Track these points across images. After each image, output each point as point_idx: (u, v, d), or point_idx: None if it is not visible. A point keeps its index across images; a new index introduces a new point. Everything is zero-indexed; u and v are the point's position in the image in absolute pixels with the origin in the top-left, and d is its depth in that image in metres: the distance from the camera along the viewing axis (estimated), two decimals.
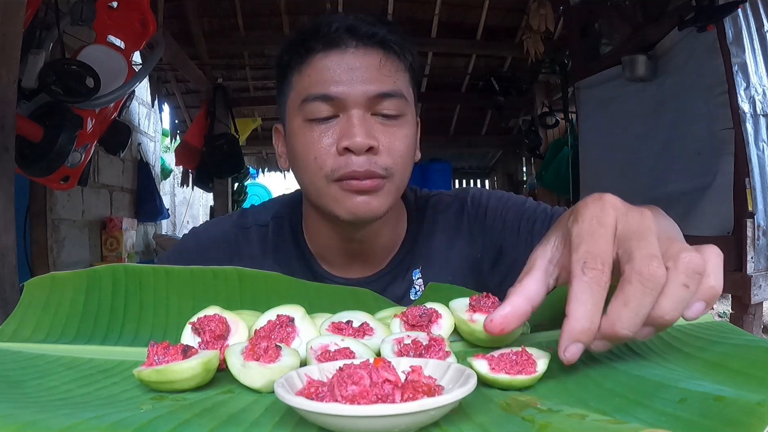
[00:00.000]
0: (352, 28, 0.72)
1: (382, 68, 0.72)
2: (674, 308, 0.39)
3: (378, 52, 0.73)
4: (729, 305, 4.01)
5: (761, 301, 2.15)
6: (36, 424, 0.33)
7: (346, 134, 0.70)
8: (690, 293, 0.39)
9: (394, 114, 0.73)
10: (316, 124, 0.72)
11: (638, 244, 0.40)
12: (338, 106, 0.71)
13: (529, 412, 0.36)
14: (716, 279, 0.41)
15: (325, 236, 0.82)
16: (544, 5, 3.76)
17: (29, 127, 2.00)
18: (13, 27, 1.36)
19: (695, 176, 2.36)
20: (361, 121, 0.71)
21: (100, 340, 0.55)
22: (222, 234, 0.87)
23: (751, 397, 0.34)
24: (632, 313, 0.38)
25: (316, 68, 0.72)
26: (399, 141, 0.73)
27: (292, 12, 4.24)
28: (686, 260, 0.39)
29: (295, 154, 0.76)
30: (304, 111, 0.73)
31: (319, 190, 0.73)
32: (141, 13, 2.38)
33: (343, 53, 0.72)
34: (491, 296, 0.57)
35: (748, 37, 2.24)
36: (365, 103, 0.71)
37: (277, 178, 7.27)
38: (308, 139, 0.72)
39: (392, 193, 0.75)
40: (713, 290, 0.40)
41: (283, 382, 0.37)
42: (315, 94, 0.71)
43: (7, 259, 1.30)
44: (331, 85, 0.71)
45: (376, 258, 0.84)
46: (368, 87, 0.71)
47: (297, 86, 0.75)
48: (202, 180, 4.64)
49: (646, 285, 0.38)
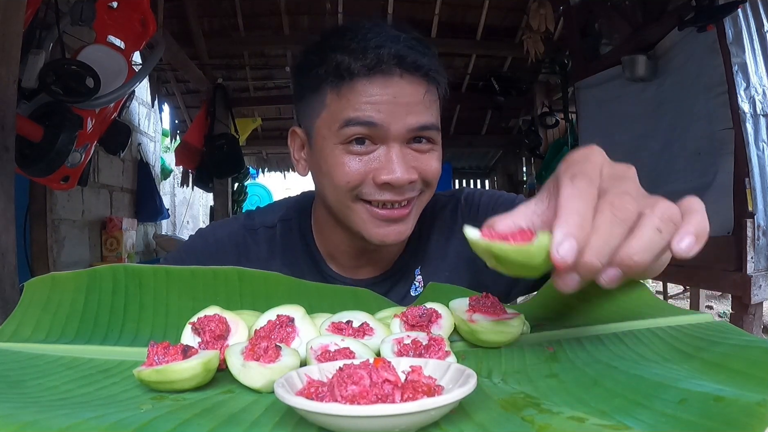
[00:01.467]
0: (400, 56, 0.70)
1: (424, 100, 0.72)
2: (643, 249, 0.38)
3: (422, 82, 0.72)
4: (729, 305, 4.01)
5: (761, 301, 2.15)
6: (36, 424, 0.33)
7: (387, 169, 0.70)
8: (662, 239, 0.39)
9: (428, 143, 0.74)
10: (353, 149, 0.71)
11: (616, 183, 0.41)
12: (379, 136, 0.71)
13: (529, 412, 0.36)
14: (703, 216, 0.41)
15: (338, 240, 0.83)
16: (544, 5, 3.76)
17: (29, 127, 2.00)
18: (13, 27, 1.36)
19: (695, 176, 2.36)
20: (400, 156, 0.71)
21: (100, 340, 0.55)
22: (229, 235, 0.87)
23: (751, 397, 0.34)
24: (601, 241, 0.38)
25: (358, 92, 0.70)
26: (433, 162, 0.75)
27: (292, 12, 4.24)
28: (663, 207, 0.40)
29: (323, 171, 0.75)
30: (341, 134, 0.71)
31: (344, 206, 0.74)
32: (141, 13, 2.38)
33: (389, 81, 0.70)
34: (491, 296, 0.57)
35: (748, 37, 2.24)
36: (405, 135, 0.72)
37: (277, 178, 7.26)
38: (342, 161, 0.72)
39: (418, 211, 0.77)
40: (701, 225, 0.40)
41: (283, 382, 0.37)
42: (356, 119, 0.70)
43: (7, 259, 1.30)
44: (374, 111, 0.70)
45: (384, 259, 0.86)
46: (411, 119, 0.71)
47: (333, 107, 0.72)
48: (202, 180, 4.64)
49: (616, 214, 0.38)
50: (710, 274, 2.28)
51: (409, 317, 0.55)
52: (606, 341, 0.51)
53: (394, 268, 0.86)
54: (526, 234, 0.41)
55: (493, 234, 0.41)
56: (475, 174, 7.36)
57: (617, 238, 0.38)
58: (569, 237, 0.38)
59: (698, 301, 3.67)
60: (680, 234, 0.39)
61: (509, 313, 0.54)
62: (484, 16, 4.28)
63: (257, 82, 5.06)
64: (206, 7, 4.04)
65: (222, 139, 4.24)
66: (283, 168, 6.89)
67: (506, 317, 0.54)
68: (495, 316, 0.53)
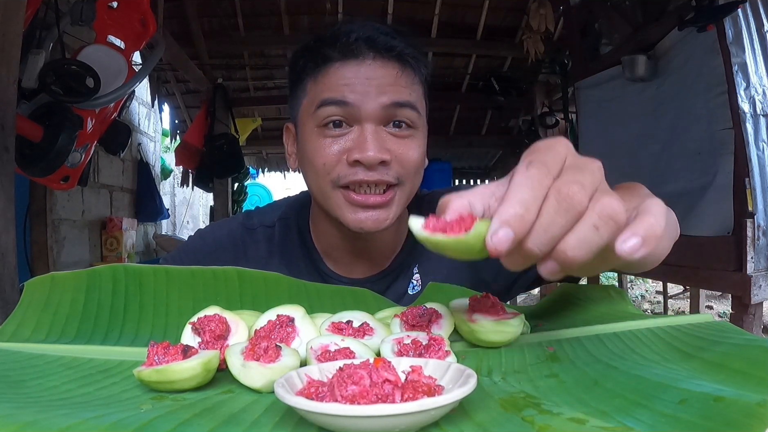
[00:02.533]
0: (371, 39, 0.72)
1: (398, 80, 0.73)
2: (578, 246, 0.37)
3: (395, 64, 0.74)
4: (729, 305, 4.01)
5: (761, 301, 2.14)
6: (36, 424, 0.33)
7: (358, 147, 0.71)
8: (599, 237, 0.37)
9: (407, 126, 0.74)
10: (329, 132, 0.73)
11: (571, 171, 0.39)
12: (352, 115, 0.72)
13: (529, 412, 0.36)
14: (657, 219, 0.39)
15: (332, 236, 0.83)
16: (544, 5, 3.76)
17: (29, 127, 2.00)
18: (13, 27, 1.36)
19: (695, 176, 2.36)
20: (374, 135, 0.71)
21: (100, 340, 0.55)
22: (228, 235, 0.88)
23: (751, 397, 0.34)
24: (541, 229, 0.37)
25: (333, 76, 0.73)
26: (411, 151, 0.75)
27: (292, 12, 4.24)
28: (603, 203, 0.38)
29: (305, 158, 0.77)
30: (317, 116, 0.73)
31: (324, 194, 0.75)
32: (141, 13, 2.38)
33: (361, 64, 0.72)
34: (491, 296, 0.57)
35: (748, 37, 2.24)
36: (379, 114, 0.72)
37: (277, 178, 7.26)
38: (319, 144, 0.73)
39: (402, 202, 0.77)
40: (652, 228, 0.38)
41: (283, 382, 0.37)
42: (330, 99, 0.72)
43: (7, 259, 1.30)
44: (347, 92, 0.72)
45: (380, 256, 0.86)
46: (383, 97, 0.72)
47: (311, 93, 0.75)
48: (202, 180, 4.64)
49: (561, 203, 0.37)
50: (710, 274, 2.28)
51: (409, 317, 0.55)
52: (606, 341, 0.51)
53: (392, 265, 0.86)
54: (465, 222, 0.40)
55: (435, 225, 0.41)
56: (475, 174, 7.35)
57: (558, 227, 0.37)
58: (505, 226, 0.37)
59: (698, 301, 3.67)
60: (625, 234, 0.38)
61: (509, 313, 0.54)
62: (484, 16, 4.27)
63: (257, 82, 5.06)
64: (206, 7, 4.03)
65: (222, 139, 4.24)
66: (283, 168, 6.89)
67: (506, 317, 0.54)
68: (495, 316, 0.53)
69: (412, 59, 0.75)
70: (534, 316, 0.61)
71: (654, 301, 5.81)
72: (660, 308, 5.23)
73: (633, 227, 0.38)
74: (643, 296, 6.06)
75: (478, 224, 0.39)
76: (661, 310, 5.04)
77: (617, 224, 0.38)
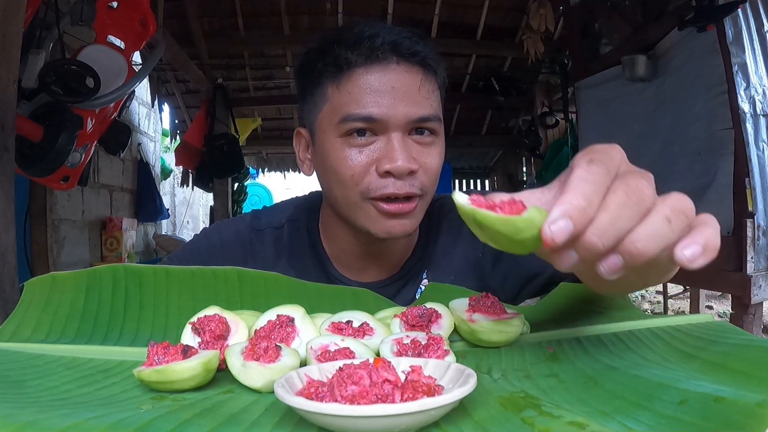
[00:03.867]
0: (395, 43, 0.71)
1: (421, 89, 0.73)
2: (649, 238, 0.36)
3: (418, 69, 0.73)
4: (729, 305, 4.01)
5: (761, 301, 2.15)
6: (36, 424, 0.33)
7: (388, 158, 0.70)
8: (671, 231, 0.36)
9: (430, 135, 0.74)
10: (354, 141, 0.72)
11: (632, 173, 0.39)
12: (379, 127, 0.71)
13: (529, 413, 0.36)
14: (715, 230, 0.37)
15: (344, 241, 0.82)
16: (544, 5, 3.76)
17: (29, 127, 2.00)
18: (13, 27, 1.36)
19: (695, 176, 2.36)
20: (401, 145, 0.71)
21: (100, 340, 0.55)
22: (235, 236, 0.86)
23: (751, 397, 0.34)
24: (607, 221, 0.35)
25: (357, 85, 0.71)
26: (433, 159, 0.74)
27: (292, 12, 4.24)
28: (676, 197, 0.37)
29: (326, 167, 0.75)
30: (341, 128, 0.72)
31: (351, 204, 0.74)
32: (141, 13, 2.38)
33: (385, 69, 0.71)
34: (491, 296, 0.57)
35: (748, 37, 2.24)
36: (405, 126, 0.72)
37: (277, 178, 7.26)
38: (345, 155, 0.72)
39: (424, 209, 0.77)
40: (712, 238, 0.36)
41: (283, 382, 0.37)
42: (357, 115, 0.71)
43: (7, 259, 1.30)
44: (374, 106, 0.70)
45: (391, 262, 0.85)
46: (410, 110, 0.71)
47: (334, 100, 0.73)
48: (202, 180, 4.64)
49: (630, 196, 0.36)
50: (710, 274, 2.28)
51: (409, 317, 0.55)
52: (606, 341, 0.51)
53: (402, 271, 0.85)
54: (516, 206, 0.37)
55: (482, 202, 0.38)
56: (475, 174, 7.35)
57: (626, 220, 0.36)
58: (566, 216, 0.35)
59: (698, 301, 3.67)
60: (687, 240, 0.36)
61: (509, 313, 0.54)
62: (484, 16, 4.28)
63: (257, 82, 5.06)
64: (206, 7, 4.04)
65: (222, 139, 4.24)
66: (283, 168, 6.89)
67: (506, 317, 0.54)
68: (495, 316, 0.53)
69: (434, 63, 0.75)
70: (534, 316, 0.61)
71: (654, 301, 5.81)
72: (660, 308, 5.22)
73: (693, 235, 0.36)
74: (643, 296, 6.06)
75: (532, 209, 0.36)
76: (661, 310, 5.03)
77: (688, 221, 0.37)
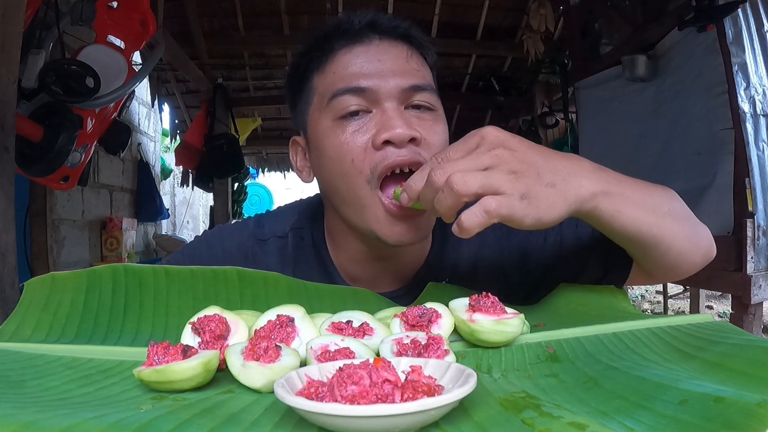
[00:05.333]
0: (374, 22, 0.69)
1: (409, 60, 0.69)
2: (466, 168, 0.51)
3: (403, 45, 0.71)
4: (729, 305, 4.01)
5: (761, 301, 2.14)
6: (36, 424, 0.33)
7: (385, 127, 0.65)
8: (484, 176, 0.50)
9: (429, 107, 0.70)
10: (348, 122, 0.67)
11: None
12: (370, 100, 0.67)
13: (529, 414, 0.36)
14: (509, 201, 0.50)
15: (353, 250, 0.76)
16: (544, 5, 3.75)
17: (29, 127, 2.00)
18: (13, 27, 1.36)
19: (695, 176, 2.36)
20: (397, 113, 0.66)
21: (100, 340, 0.55)
22: (238, 246, 0.82)
23: (751, 397, 0.34)
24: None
25: (341, 64, 0.68)
26: (437, 135, 0.69)
27: (292, 12, 4.24)
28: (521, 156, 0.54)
29: (326, 160, 0.69)
30: (332, 109, 0.68)
31: (359, 200, 0.67)
32: (141, 13, 2.38)
33: (368, 47, 0.69)
34: (491, 296, 0.57)
35: (748, 37, 2.24)
36: (398, 96, 0.67)
37: (277, 177, 7.26)
38: (340, 139, 0.67)
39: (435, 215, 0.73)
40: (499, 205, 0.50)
41: (283, 382, 0.37)
42: (344, 88, 0.67)
43: (7, 259, 1.30)
44: (361, 77, 0.67)
45: (402, 271, 0.79)
46: (400, 79, 0.67)
47: (320, 87, 0.70)
48: (202, 180, 4.64)
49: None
50: (710, 274, 2.28)
51: (409, 317, 0.55)
52: (606, 341, 0.51)
53: (415, 281, 0.78)
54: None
55: None
56: None
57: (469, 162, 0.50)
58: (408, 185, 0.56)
59: (698, 301, 3.67)
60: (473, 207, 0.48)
61: (509, 313, 0.54)
62: (484, 16, 4.27)
63: (257, 82, 5.06)
64: (206, 7, 4.03)
65: (222, 139, 4.24)
66: (283, 168, 6.90)
67: (506, 317, 0.53)
68: (495, 316, 0.53)
69: (419, 40, 0.72)
70: (534, 316, 0.61)
71: (654, 301, 5.81)
72: (660, 308, 5.22)
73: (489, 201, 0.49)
74: (643, 296, 6.06)
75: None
76: (661, 310, 5.03)
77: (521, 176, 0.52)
